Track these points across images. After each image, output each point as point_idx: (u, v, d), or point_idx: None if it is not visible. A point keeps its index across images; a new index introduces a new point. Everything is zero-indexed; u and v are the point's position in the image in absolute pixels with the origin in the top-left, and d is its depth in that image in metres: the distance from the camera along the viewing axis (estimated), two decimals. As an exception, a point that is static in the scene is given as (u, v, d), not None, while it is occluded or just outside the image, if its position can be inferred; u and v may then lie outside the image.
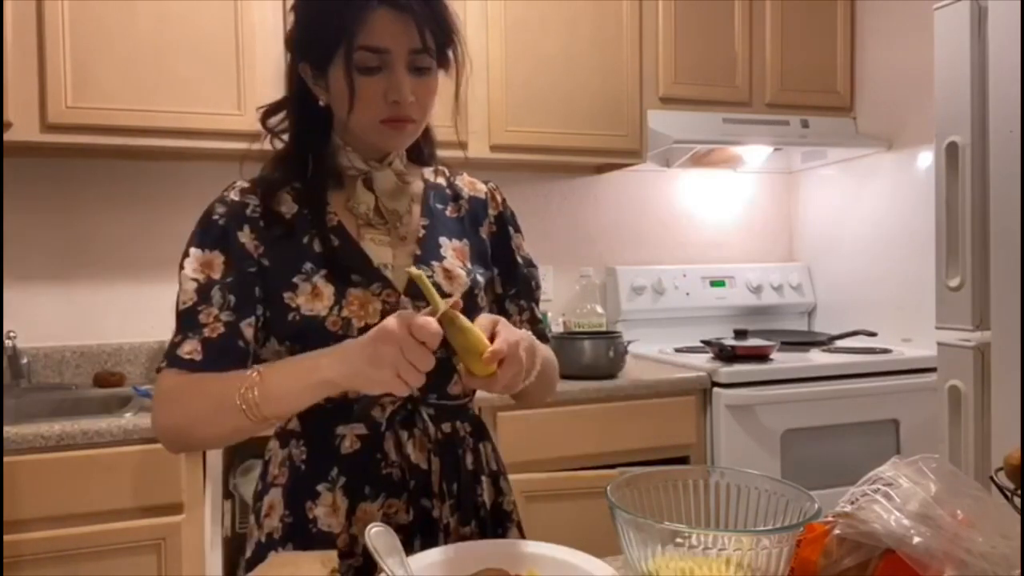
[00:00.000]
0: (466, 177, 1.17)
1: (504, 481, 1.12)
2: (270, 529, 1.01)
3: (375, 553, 0.77)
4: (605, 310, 2.67)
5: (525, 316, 1.15)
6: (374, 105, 0.96)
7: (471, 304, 1.03)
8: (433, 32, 0.96)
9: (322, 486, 0.99)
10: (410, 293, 1.00)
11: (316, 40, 0.97)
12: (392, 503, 0.99)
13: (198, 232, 1.00)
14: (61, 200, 2.24)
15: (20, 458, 1.65)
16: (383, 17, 0.93)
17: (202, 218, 1.01)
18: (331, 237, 1.00)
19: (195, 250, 0.99)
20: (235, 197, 1.01)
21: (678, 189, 2.92)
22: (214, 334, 0.96)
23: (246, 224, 1.00)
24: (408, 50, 0.95)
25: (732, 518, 0.83)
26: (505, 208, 1.16)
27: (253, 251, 0.99)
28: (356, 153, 1.03)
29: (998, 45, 1.69)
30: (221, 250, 0.99)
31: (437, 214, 1.09)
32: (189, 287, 0.98)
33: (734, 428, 2.19)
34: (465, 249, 1.09)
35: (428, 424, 1.01)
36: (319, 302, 0.97)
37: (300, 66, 1.01)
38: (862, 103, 2.74)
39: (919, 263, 2.42)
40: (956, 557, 0.69)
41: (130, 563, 1.72)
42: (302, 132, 1.04)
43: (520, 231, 1.18)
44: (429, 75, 0.98)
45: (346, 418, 1.00)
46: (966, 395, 1.77)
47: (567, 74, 2.38)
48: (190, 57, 2.00)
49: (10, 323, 2.15)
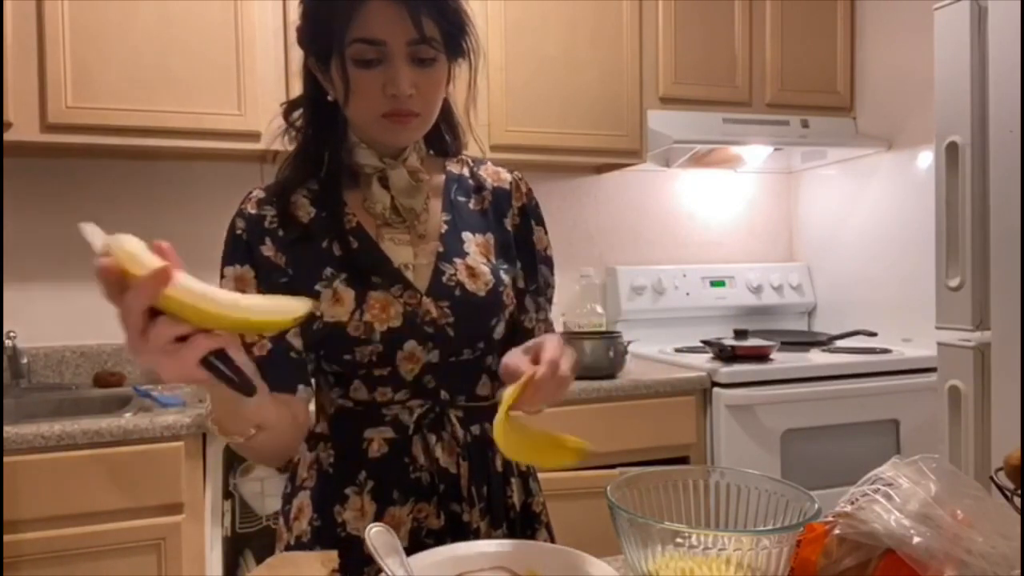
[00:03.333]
0: (490, 167, 1.12)
1: (534, 481, 1.10)
2: (299, 532, 1.00)
3: (375, 553, 0.77)
4: (605, 310, 2.67)
5: (541, 316, 1.11)
6: (372, 99, 0.93)
7: (495, 301, 1.00)
8: (436, 21, 0.93)
9: (350, 490, 0.98)
10: (432, 293, 0.98)
11: (316, 34, 0.95)
12: (422, 507, 0.98)
13: (227, 251, 1.00)
14: (61, 200, 2.24)
15: (20, 458, 1.65)
16: (378, 8, 0.90)
17: (227, 236, 1.01)
18: (350, 239, 0.99)
19: (228, 268, 0.99)
20: (252, 210, 1.00)
21: (678, 189, 2.92)
22: (263, 352, 0.95)
23: (267, 237, 0.99)
24: (406, 42, 0.91)
25: (732, 518, 0.83)
26: (529, 199, 1.11)
27: (278, 263, 0.98)
28: (371, 150, 1.00)
29: (998, 45, 1.69)
30: (252, 264, 0.98)
31: (459, 207, 1.06)
32: None
33: (734, 428, 2.19)
34: (489, 243, 1.05)
35: (456, 427, 1.00)
36: (340, 307, 0.95)
37: (308, 61, 0.99)
38: (862, 103, 2.74)
39: (919, 263, 2.42)
40: (956, 557, 0.69)
41: (130, 563, 1.72)
42: (316, 128, 1.02)
43: (543, 224, 1.13)
44: (433, 67, 0.95)
45: (374, 422, 0.99)
46: (966, 395, 1.77)
47: (567, 74, 2.38)
48: (190, 57, 2.00)
49: (10, 323, 2.15)
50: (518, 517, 1.05)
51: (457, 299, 0.98)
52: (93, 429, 1.70)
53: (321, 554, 0.81)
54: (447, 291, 0.99)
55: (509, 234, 1.08)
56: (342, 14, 0.91)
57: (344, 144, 1.02)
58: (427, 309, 0.97)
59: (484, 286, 1.00)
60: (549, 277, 1.14)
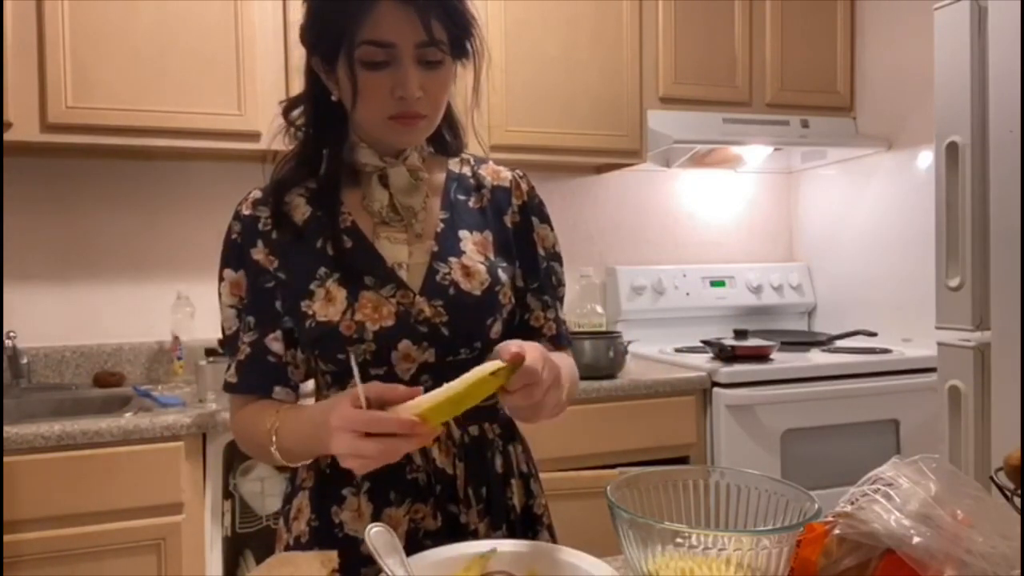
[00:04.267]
0: (491, 166, 1.11)
1: (535, 483, 1.09)
2: (298, 533, 1.01)
3: (375, 553, 0.77)
4: (605, 310, 2.67)
5: (551, 315, 1.09)
6: (380, 101, 0.93)
7: (491, 301, 1.00)
8: (444, 24, 0.93)
9: (347, 490, 0.98)
10: (426, 292, 0.98)
11: (322, 34, 0.95)
12: (418, 508, 0.98)
13: (224, 253, 1.02)
14: (61, 200, 2.24)
15: (20, 458, 1.65)
16: (387, 10, 0.90)
17: (224, 239, 1.03)
18: (344, 238, 0.99)
19: (227, 272, 1.02)
20: (247, 212, 1.01)
21: (678, 189, 2.92)
22: (243, 356, 1.00)
23: (259, 239, 1.00)
24: (415, 44, 0.91)
25: (732, 518, 0.83)
26: (530, 198, 1.10)
27: (268, 266, 0.99)
28: (371, 149, 1.00)
29: (998, 45, 1.69)
30: (244, 269, 1.00)
31: (458, 206, 1.06)
32: (228, 314, 1.02)
33: (734, 428, 2.19)
34: (488, 241, 1.05)
35: (453, 427, 0.99)
36: (332, 307, 0.95)
37: (312, 60, 0.99)
38: (862, 103, 2.74)
39: (919, 263, 2.42)
40: (956, 557, 0.69)
41: (130, 563, 1.72)
42: (317, 128, 1.02)
43: (548, 222, 1.12)
44: (440, 69, 0.95)
45: None
46: (966, 395, 1.77)
47: (567, 74, 2.38)
48: (190, 57, 2.00)
49: (10, 323, 2.15)
50: (519, 519, 1.04)
51: (451, 298, 0.98)
52: (93, 429, 1.70)
53: (320, 554, 0.81)
54: (441, 290, 0.98)
55: (509, 232, 1.07)
56: (351, 15, 0.90)
57: (344, 143, 1.02)
58: (420, 308, 0.97)
59: (479, 285, 1.00)
60: (560, 275, 1.13)
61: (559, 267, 1.13)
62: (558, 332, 1.10)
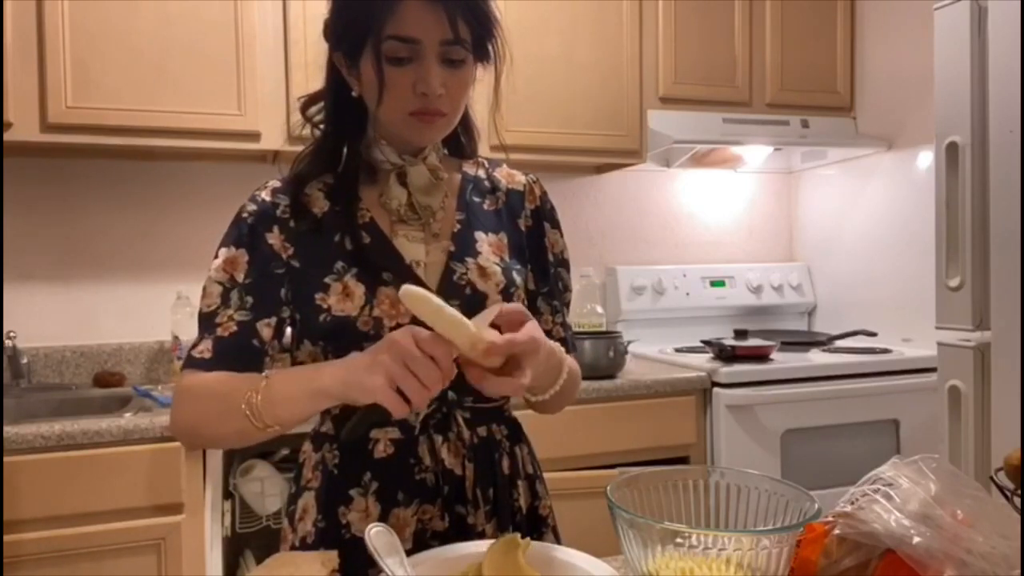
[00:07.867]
0: (505, 169, 1.13)
1: (540, 484, 1.09)
2: (304, 533, 1.00)
3: (375, 553, 0.77)
4: (605, 310, 2.67)
5: (558, 319, 1.11)
6: (402, 96, 0.94)
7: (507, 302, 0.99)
8: (469, 23, 0.94)
9: (355, 491, 0.98)
10: (443, 292, 0.98)
11: (348, 29, 0.95)
12: (426, 509, 0.98)
13: (229, 231, 1.00)
14: (61, 200, 2.24)
15: (20, 458, 1.65)
16: (414, 7, 0.91)
17: (234, 218, 1.01)
18: (362, 234, 0.99)
19: (223, 249, 0.99)
20: (266, 197, 1.01)
21: (678, 189, 2.92)
22: (226, 333, 0.96)
23: (275, 225, 0.99)
24: (439, 41, 0.92)
25: (732, 518, 0.83)
26: (543, 203, 1.13)
27: (281, 252, 0.99)
28: (390, 147, 1.01)
29: (998, 45, 1.69)
30: (247, 248, 0.98)
31: (474, 207, 1.07)
32: (213, 290, 0.98)
33: (734, 428, 2.19)
34: (503, 242, 1.06)
35: (463, 428, 0.99)
36: (350, 302, 0.95)
37: (335, 56, 0.99)
38: (862, 103, 2.74)
39: (919, 263, 2.42)
40: (956, 557, 0.69)
41: (130, 563, 1.72)
42: (337, 123, 1.02)
43: (559, 228, 1.14)
44: (462, 68, 0.96)
45: (380, 422, 0.98)
46: (966, 395, 1.77)
47: (567, 74, 2.38)
48: (190, 57, 2.00)
49: (10, 323, 2.15)
50: (524, 520, 1.04)
51: (468, 298, 0.98)
52: (93, 429, 1.70)
53: (321, 554, 0.81)
54: (458, 290, 0.99)
55: (522, 235, 1.09)
56: (378, 10, 0.91)
57: (363, 139, 1.02)
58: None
59: (495, 286, 1.00)
60: (567, 281, 1.15)
61: (566, 273, 1.15)
62: (565, 337, 1.11)
